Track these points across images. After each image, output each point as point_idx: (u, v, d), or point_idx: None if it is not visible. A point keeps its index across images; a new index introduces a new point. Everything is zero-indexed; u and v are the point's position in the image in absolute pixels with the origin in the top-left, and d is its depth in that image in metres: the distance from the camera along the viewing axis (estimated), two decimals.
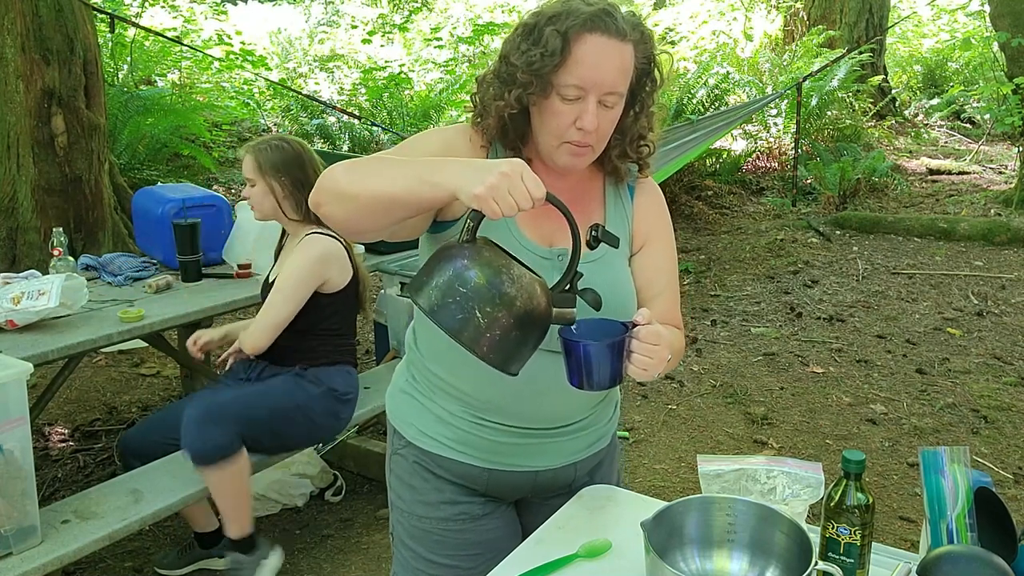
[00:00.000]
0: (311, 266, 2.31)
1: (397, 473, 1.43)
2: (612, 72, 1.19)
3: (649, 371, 1.16)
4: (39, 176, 4.34)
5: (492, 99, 1.25)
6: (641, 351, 1.15)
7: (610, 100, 1.20)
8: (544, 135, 1.24)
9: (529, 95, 1.21)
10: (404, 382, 1.43)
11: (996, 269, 5.37)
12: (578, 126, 1.20)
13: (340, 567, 2.56)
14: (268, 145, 2.41)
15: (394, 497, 1.45)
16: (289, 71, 10.07)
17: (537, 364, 1.21)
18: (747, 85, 7.57)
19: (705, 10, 10.65)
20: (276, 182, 2.37)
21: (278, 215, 2.41)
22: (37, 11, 4.25)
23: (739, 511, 1.13)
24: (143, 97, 6.35)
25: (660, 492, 2.94)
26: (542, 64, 1.17)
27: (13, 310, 2.24)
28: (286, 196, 2.37)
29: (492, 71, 1.27)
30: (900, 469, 3.13)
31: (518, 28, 1.24)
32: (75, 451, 3.17)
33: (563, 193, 1.26)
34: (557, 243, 1.30)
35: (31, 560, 1.89)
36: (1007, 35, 6.41)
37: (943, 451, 1.21)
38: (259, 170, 2.38)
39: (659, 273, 1.39)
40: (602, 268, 1.30)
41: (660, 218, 1.42)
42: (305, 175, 2.38)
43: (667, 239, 1.42)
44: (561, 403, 1.34)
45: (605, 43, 1.17)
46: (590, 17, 1.17)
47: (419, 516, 1.39)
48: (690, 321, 4.62)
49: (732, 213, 6.78)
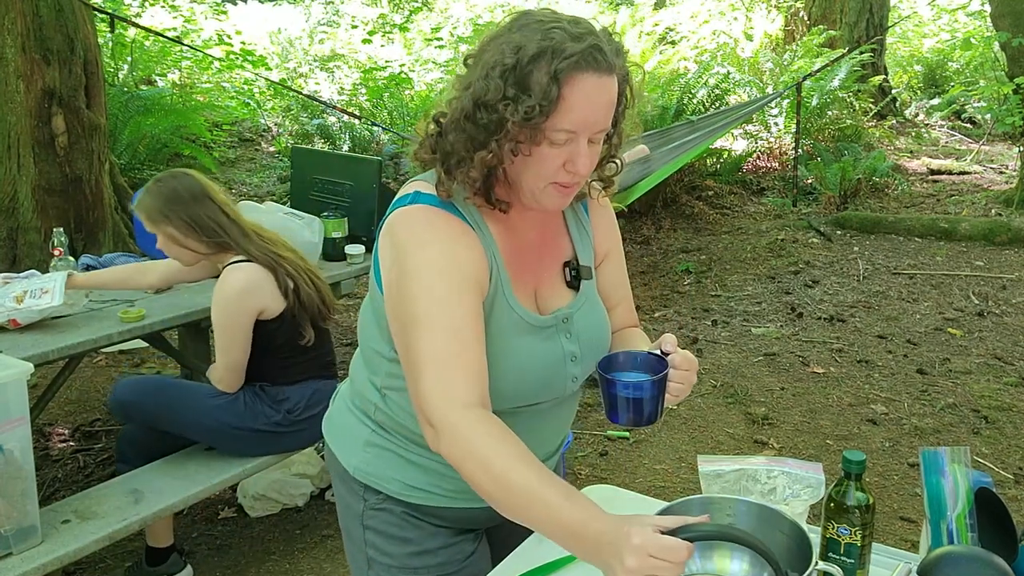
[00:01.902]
0: (234, 301, 2.20)
1: (379, 529, 1.29)
2: (603, 111, 1.09)
3: (680, 397, 1.16)
4: (39, 176, 4.34)
5: (473, 149, 1.10)
6: (677, 379, 1.15)
7: (598, 137, 1.12)
8: (529, 179, 1.12)
9: (520, 144, 1.09)
10: (370, 434, 1.28)
11: (997, 269, 5.36)
12: (569, 169, 1.10)
13: (340, 567, 2.56)
14: (146, 193, 2.26)
15: (375, 554, 1.30)
16: (289, 71, 10.06)
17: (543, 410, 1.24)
18: (747, 85, 7.57)
19: (705, 10, 10.64)
20: (170, 227, 2.23)
21: (195, 256, 2.29)
22: (37, 11, 4.25)
23: (739, 511, 1.13)
24: (143, 97, 6.35)
25: (660, 492, 2.93)
26: (540, 115, 1.05)
27: (16, 308, 2.24)
28: (186, 235, 2.23)
29: (463, 114, 1.10)
30: (901, 469, 3.12)
31: (495, 68, 1.07)
32: (75, 451, 3.18)
33: (531, 232, 1.25)
34: (552, 305, 1.24)
35: (31, 560, 1.89)
36: (1008, 35, 6.40)
37: (944, 451, 1.21)
38: (150, 221, 2.25)
39: (620, 280, 1.39)
40: (589, 307, 1.29)
41: (613, 228, 1.38)
42: (192, 207, 2.23)
43: (619, 246, 1.40)
44: (557, 435, 1.35)
45: (596, 82, 1.06)
46: (581, 57, 1.04)
47: (413, 568, 1.29)
48: (691, 321, 4.62)
49: (733, 213, 6.78)
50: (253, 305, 2.23)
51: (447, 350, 1.07)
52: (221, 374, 2.30)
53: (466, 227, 1.16)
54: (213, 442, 2.38)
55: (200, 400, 2.33)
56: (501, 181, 1.17)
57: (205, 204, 2.25)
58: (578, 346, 1.24)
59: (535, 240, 1.25)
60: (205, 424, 2.32)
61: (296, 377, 2.38)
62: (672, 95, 6.85)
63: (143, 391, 2.35)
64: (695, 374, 1.16)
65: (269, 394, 2.36)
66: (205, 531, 2.75)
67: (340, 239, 3.04)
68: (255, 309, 2.23)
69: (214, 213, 2.25)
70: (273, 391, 2.36)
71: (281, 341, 2.31)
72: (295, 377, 2.38)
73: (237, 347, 2.25)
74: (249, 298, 2.22)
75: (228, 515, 2.83)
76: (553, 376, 1.23)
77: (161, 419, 2.34)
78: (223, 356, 2.27)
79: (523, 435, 1.08)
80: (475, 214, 1.18)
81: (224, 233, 2.24)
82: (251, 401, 2.33)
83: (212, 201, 2.27)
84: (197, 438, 2.40)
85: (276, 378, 2.36)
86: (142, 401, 2.33)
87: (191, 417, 2.32)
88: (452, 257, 1.11)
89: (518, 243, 1.22)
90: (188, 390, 2.39)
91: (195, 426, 2.33)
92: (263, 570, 2.56)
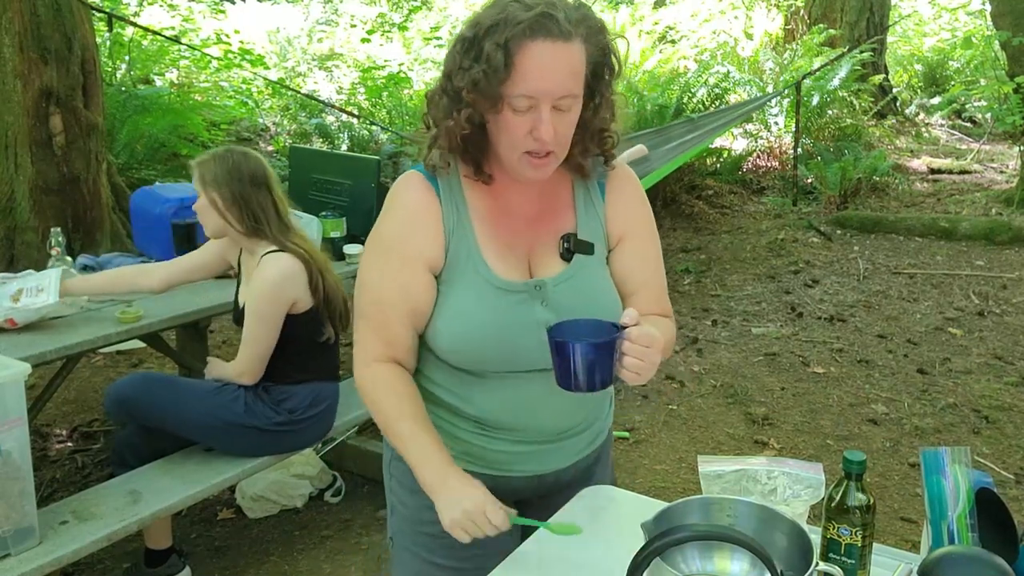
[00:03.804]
0: (274, 289, 2.24)
1: (399, 478, 1.41)
2: (561, 77, 1.13)
3: (642, 375, 1.15)
4: (37, 176, 4.33)
5: (442, 118, 1.21)
6: (633, 353, 1.14)
7: (565, 104, 1.15)
8: (503, 149, 1.20)
9: (479, 112, 1.17)
10: None
11: (997, 269, 5.36)
12: (535, 136, 1.15)
13: (340, 568, 2.56)
14: (212, 156, 2.31)
15: (395, 502, 1.43)
16: (288, 70, 10.05)
17: (544, 382, 1.23)
18: (747, 84, 7.56)
19: (706, 8, 10.64)
20: (217, 194, 2.26)
21: (226, 229, 2.31)
22: (35, 10, 4.24)
23: (740, 512, 1.12)
24: (141, 96, 6.34)
25: (660, 493, 2.93)
26: (487, 82, 1.12)
27: (13, 308, 2.23)
28: (228, 208, 2.26)
29: (439, 88, 1.21)
30: (901, 469, 3.12)
31: (457, 42, 1.17)
32: (73, 452, 3.17)
33: (532, 204, 1.31)
34: (541, 274, 1.29)
35: (29, 561, 1.89)
36: (1008, 34, 6.39)
37: (944, 451, 1.20)
38: (201, 182, 2.29)
39: (641, 264, 1.37)
40: (579, 281, 1.29)
41: (636, 209, 1.38)
42: (247, 188, 2.27)
43: (645, 229, 1.38)
44: (568, 413, 1.35)
45: (550, 48, 1.11)
46: (530, 24, 1.10)
47: (423, 521, 1.36)
48: (690, 321, 4.61)
49: (732, 213, 6.77)
50: (290, 295, 2.27)
51: (370, 315, 1.29)
52: (245, 366, 2.30)
53: (431, 201, 1.27)
54: (211, 440, 2.37)
55: (199, 397, 2.32)
56: (490, 156, 1.25)
57: (261, 191, 2.29)
58: (555, 316, 1.25)
59: (530, 211, 1.30)
60: (204, 421, 2.31)
61: (301, 377, 2.39)
62: (672, 94, 6.84)
63: (139, 387, 2.35)
64: (657, 353, 1.15)
65: (272, 394, 2.35)
66: (204, 532, 2.75)
67: (339, 239, 3.03)
68: (290, 299, 2.28)
69: (265, 201, 2.30)
70: (276, 391, 2.36)
71: (301, 336, 2.33)
72: (300, 377, 2.39)
73: (268, 336, 2.28)
74: (288, 287, 2.26)
75: (227, 516, 2.83)
76: (520, 339, 1.25)
77: (158, 416, 2.32)
78: (252, 346, 2.29)
79: (519, 407, 1.28)
80: (455, 184, 1.28)
81: (266, 222, 2.29)
82: (252, 401, 2.33)
83: (269, 191, 2.31)
84: (195, 435, 2.38)
85: (281, 378, 2.36)
86: (139, 397, 2.32)
87: (190, 414, 2.31)
88: (400, 236, 1.27)
89: (504, 212, 1.29)
90: (187, 386, 2.39)
91: (194, 423, 2.32)
92: (262, 571, 2.55)
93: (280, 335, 2.30)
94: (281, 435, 2.37)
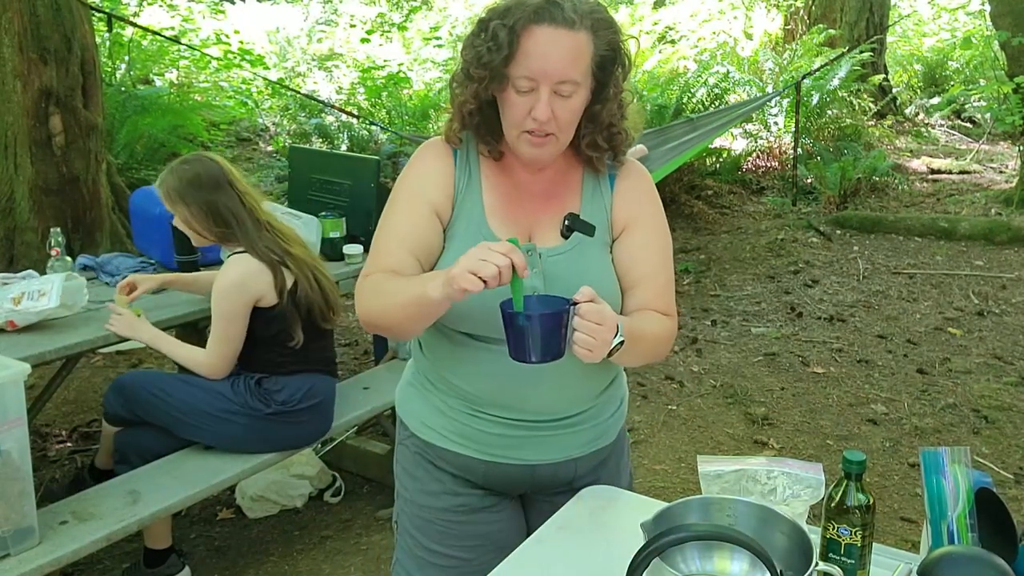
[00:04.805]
0: (230, 292, 2.24)
1: (402, 463, 1.49)
2: (561, 61, 1.21)
3: (594, 352, 1.17)
4: (37, 176, 4.33)
5: (457, 96, 1.32)
6: (583, 329, 1.16)
7: (565, 89, 1.23)
8: (506, 127, 1.29)
9: (486, 89, 1.26)
10: (411, 375, 1.49)
11: (997, 269, 5.36)
12: (533, 116, 1.23)
13: (339, 568, 2.56)
14: (169, 172, 2.30)
15: (399, 486, 1.50)
16: (287, 70, 10.05)
17: None
18: (747, 84, 7.55)
19: (705, 8, 10.64)
20: (185, 209, 2.27)
21: (203, 239, 2.34)
22: (35, 10, 4.23)
23: (739, 512, 1.12)
24: (141, 96, 6.35)
25: (660, 493, 2.93)
26: (491, 58, 1.21)
27: (14, 310, 2.24)
28: (198, 219, 2.28)
29: (458, 68, 1.32)
30: (901, 469, 3.12)
31: (473, 24, 1.28)
32: (73, 452, 3.17)
33: (540, 185, 1.37)
34: (534, 238, 1.34)
35: (29, 561, 1.89)
36: (1008, 34, 6.39)
37: (944, 451, 1.20)
38: (168, 200, 2.29)
39: (644, 256, 1.38)
40: (575, 258, 1.33)
41: (644, 204, 1.40)
42: (211, 194, 2.26)
43: (653, 224, 1.40)
44: (556, 394, 1.36)
45: (552, 33, 1.20)
46: (536, 9, 1.20)
47: (421, 505, 1.44)
48: (690, 321, 4.62)
49: (732, 213, 6.78)
50: (250, 295, 2.26)
51: (378, 245, 1.36)
52: (209, 360, 2.30)
53: (447, 161, 1.36)
54: (205, 430, 2.35)
55: (193, 387, 2.33)
56: (501, 135, 1.33)
57: (224, 192, 2.28)
58: (542, 282, 1.30)
59: (538, 190, 1.38)
60: (198, 409, 2.31)
61: (292, 368, 2.39)
62: (671, 94, 6.84)
63: (137, 377, 2.40)
64: (608, 332, 1.17)
65: (263, 386, 2.35)
66: (203, 532, 2.75)
67: (338, 239, 3.03)
68: (251, 298, 2.27)
69: (232, 202, 2.29)
70: (268, 383, 2.36)
71: (274, 333, 2.33)
72: (291, 368, 2.39)
73: (230, 333, 2.28)
74: (246, 289, 2.25)
75: (226, 516, 2.83)
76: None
77: (153, 409, 2.33)
78: (217, 344, 2.29)
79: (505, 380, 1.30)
80: (472, 156, 1.37)
81: (235, 224, 2.28)
82: (242, 391, 2.33)
83: (232, 189, 2.31)
84: (190, 427, 2.35)
85: (272, 369, 2.37)
86: (135, 392, 2.34)
87: (184, 405, 2.31)
88: (412, 181, 1.37)
89: (513, 186, 1.37)
90: (182, 378, 2.40)
91: (187, 414, 2.31)
92: (261, 571, 2.55)
93: (256, 328, 2.30)
94: (275, 425, 2.36)
